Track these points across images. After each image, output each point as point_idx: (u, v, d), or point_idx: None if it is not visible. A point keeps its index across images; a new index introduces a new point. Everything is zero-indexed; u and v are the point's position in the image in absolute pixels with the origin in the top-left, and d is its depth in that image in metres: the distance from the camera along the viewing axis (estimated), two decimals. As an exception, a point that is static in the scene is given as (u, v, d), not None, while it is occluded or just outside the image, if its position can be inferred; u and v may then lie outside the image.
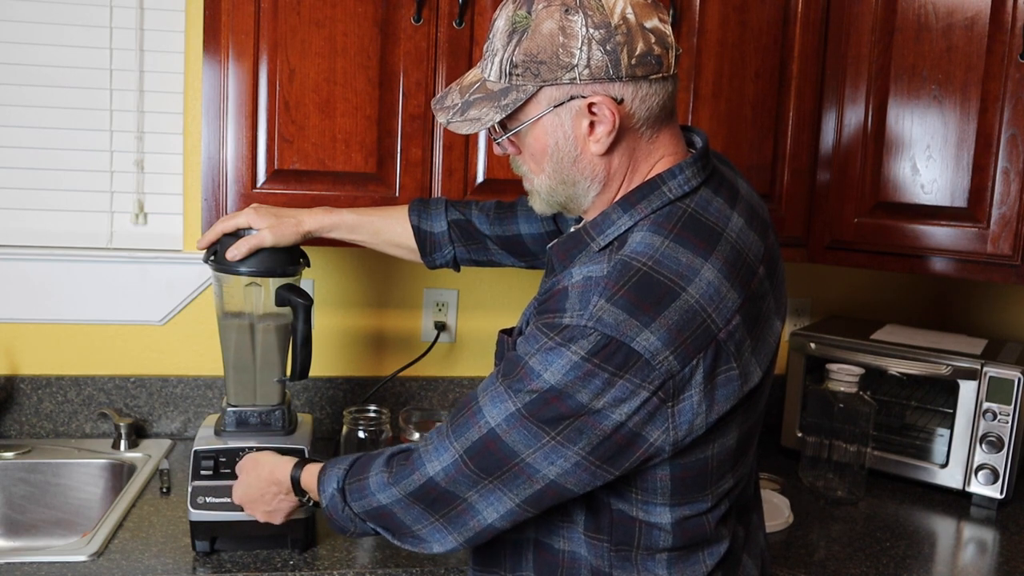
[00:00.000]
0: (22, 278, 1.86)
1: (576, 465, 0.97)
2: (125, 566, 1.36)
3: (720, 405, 0.97)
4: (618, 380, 0.93)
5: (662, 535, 1.05)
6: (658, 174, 1.02)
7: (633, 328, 0.92)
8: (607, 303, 0.94)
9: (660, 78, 0.99)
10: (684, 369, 0.94)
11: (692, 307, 0.95)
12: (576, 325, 0.94)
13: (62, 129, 1.85)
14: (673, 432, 0.96)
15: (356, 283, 2.01)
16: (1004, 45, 1.58)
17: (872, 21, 1.72)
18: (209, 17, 1.53)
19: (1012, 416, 1.74)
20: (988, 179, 1.62)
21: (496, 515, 1.02)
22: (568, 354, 0.93)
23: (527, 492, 1.00)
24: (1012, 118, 1.58)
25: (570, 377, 0.93)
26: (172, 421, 1.94)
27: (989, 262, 1.64)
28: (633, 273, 0.95)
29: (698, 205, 1.02)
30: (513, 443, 0.98)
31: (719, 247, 0.99)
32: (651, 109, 1.01)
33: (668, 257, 0.96)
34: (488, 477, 1.00)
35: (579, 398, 0.94)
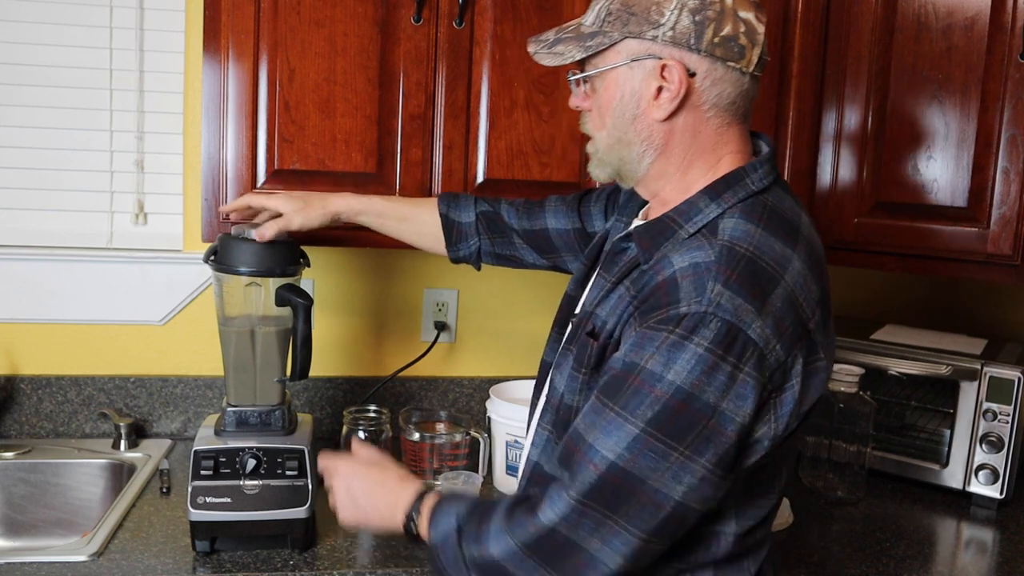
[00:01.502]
0: (22, 278, 1.86)
1: (702, 480, 0.92)
2: (125, 566, 1.36)
3: (810, 397, 0.97)
4: (739, 374, 0.90)
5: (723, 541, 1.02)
6: (740, 167, 1.03)
7: (749, 314, 0.91)
8: (724, 288, 0.92)
9: (738, 69, 1.01)
10: (787, 358, 0.93)
11: (790, 294, 0.95)
12: (696, 312, 0.91)
13: (62, 129, 1.85)
14: (774, 425, 0.94)
15: (356, 283, 2.01)
16: (1004, 45, 1.58)
17: (872, 21, 1.72)
18: (209, 17, 1.53)
19: (1012, 416, 1.74)
20: (988, 179, 1.62)
21: (620, 559, 0.94)
22: (691, 347, 0.90)
23: (653, 523, 0.93)
24: (1012, 118, 1.58)
25: (696, 373, 0.89)
26: (172, 421, 1.94)
27: (989, 262, 1.64)
28: (739, 258, 0.94)
29: (776, 200, 1.03)
30: (640, 471, 0.91)
31: (800, 240, 1.00)
32: (721, 95, 1.02)
33: (765, 244, 0.96)
34: (613, 515, 0.93)
35: (706, 398, 0.90)
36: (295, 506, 1.41)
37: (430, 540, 1.05)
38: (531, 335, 2.10)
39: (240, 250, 1.42)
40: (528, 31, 1.61)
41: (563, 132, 1.65)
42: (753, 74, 1.03)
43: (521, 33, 1.61)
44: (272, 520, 1.41)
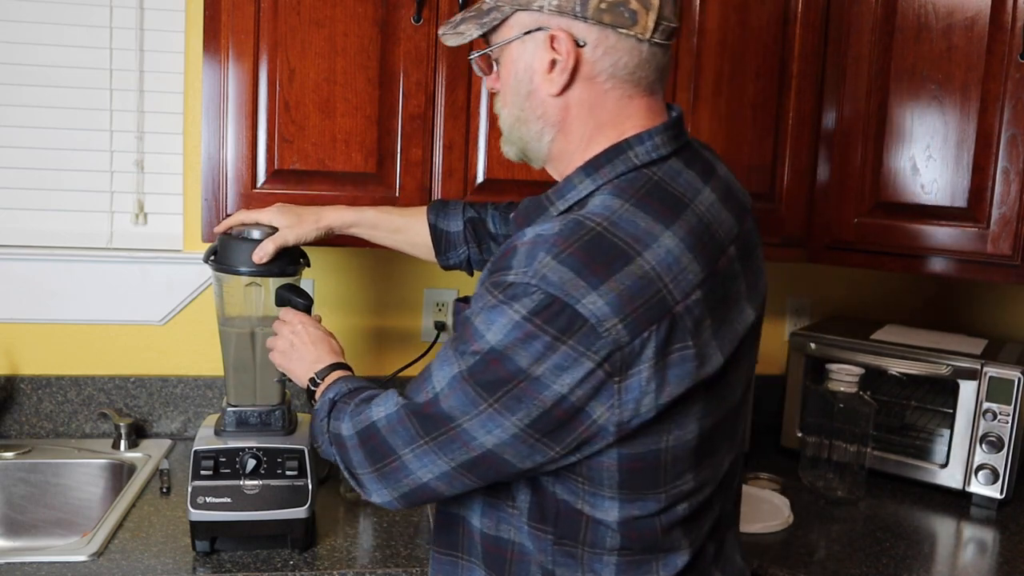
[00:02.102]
0: (22, 278, 1.86)
1: (514, 437, 0.93)
2: (125, 566, 1.36)
3: (672, 387, 0.91)
4: (560, 346, 0.88)
5: (608, 533, 0.99)
6: (625, 139, 0.99)
7: (579, 289, 0.88)
8: (553, 260, 0.89)
9: (632, 36, 0.96)
10: (634, 341, 0.88)
11: (647, 274, 0.90)
12: (519, 282, 0.90)
13: (62, 129, 1.85)
14: (618, 411, 0.90)
15: (356, 283, 2.01)
16: (1004, 45, 1.58)
17: (872, 21, 1.72)
18: (209, 17, 1.53)
19: (1012, 416, 1.74)
20: (988, 179, 1.62)
21: (431, 475, 0.98)
22: (510, 312, 0.90)
23: (463, 458, 0.96)
24: (1012, 118, 1.58)
25: (511, 337, 0.89)
26: (172, 421, 1.94)
27: (989, 262, 1.64)
28: (585, 232, 0.91)
29: (666, 174, 0.98)
30: (451, 408, 0.94)
31: (684, 216, 0.95)
32: (617, 65, 0.97)
33: (626, 220, 0.92)
34: (424, 437, 0.97)
35: (518, 361, 0.89)
36: (295, 506, 1.41)
37: (316, 404, 1.15)
38: (531, 335, 2.10)
39: (240, 250, 1.42)
40: (528, 31, 1.61)
41: (563, 132, 1.65)
42: (653, 41, 0.97)
43: (521, 33, 1.61)
44: (272, 520, 1.41)
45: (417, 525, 1.57)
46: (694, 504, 1.02)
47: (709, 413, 0.98)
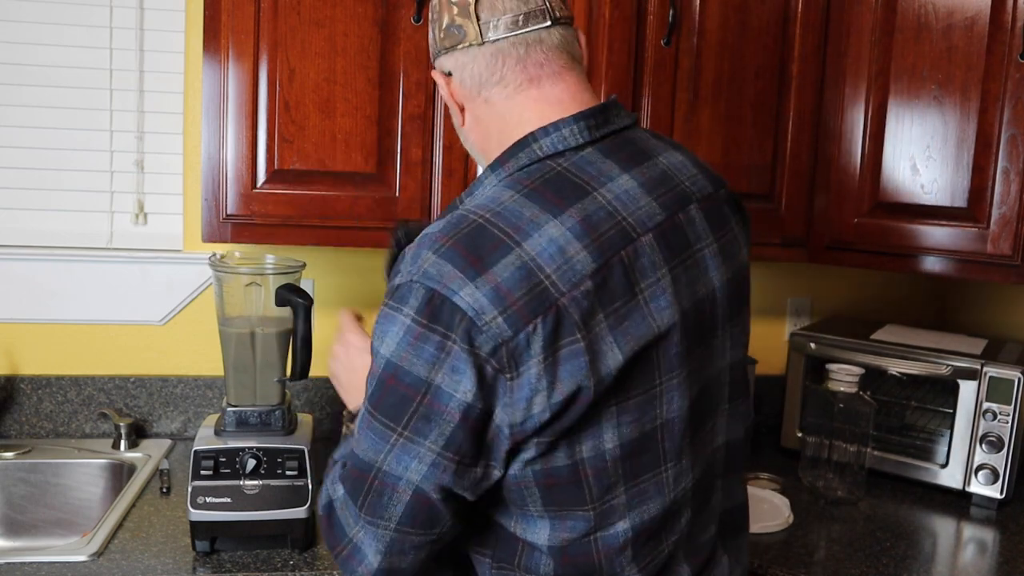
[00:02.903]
0: (22, 278, 1.86)
1: (434, 465, 0.87)
2: (125, 566, 1.36)
3: (564, 384, 0.86)
4: (449, 344, 0.85)
5: (543, 559, 0.94)
6: (530, 132, 0.97)
7: (456, 281, 0.85)
8: (433, 255, 0.88)
9: (469, 46, 0.99)
10: (518, 336, 0.85)
11: (526, 265, 0.86)
12: (403, 283, 0.88)
13: (62, 129, 1.85)
14: (511, 411, 0.86)
15: (356, 283, 2.01)
16: (1004, 45, 1.58)
17: (872, 21, 1.72)
18: (209, 17, 1.53)
19: (1012, 416, 1.74)
20: (988, 179, 1.62)
21: (379, 555, 0.92)
22: (400, 317, 0.87)
23: (396, 510, 0.90)
24: (1012, 118, 1.58)
25: (404, 345, 0.86)
26: (172, 421, 1.94)
27: (989, 262, 1.64)
28: (466, 225, 0.89)
29: (574, 164, 0.95)
30: (365, 452, 0.90)
31: (579, 204, 0.90)
32: (474, 76, 0.99)
33: (510, 211, 0.89)
34: (364, 506, 0.91)
35: (416, 371, 0.86)
36: (295, 506, 1.41)
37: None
38: (531, 335, 2.10)
39: None
40: (528, 31, 1.61)
41: (563, 132, 1.65)
42: (490, 40, 0.98)
43: (521, 33, 1.61)
44: (272, 520, 1.41)
45: (417, 525, 1.57)
46: (639, 527, 0.95)
47: (628, 421, 0.91)
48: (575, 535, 0.93)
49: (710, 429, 1.02)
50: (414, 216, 1.62)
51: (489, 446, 0.89)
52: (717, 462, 1.05)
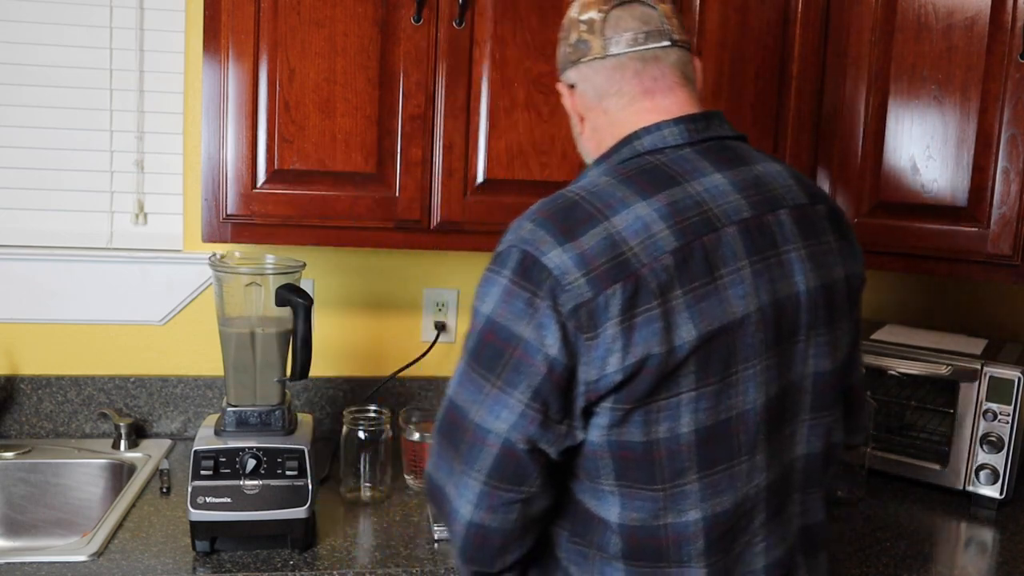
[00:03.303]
0: (22, 278, 1.86)
1: (522, 416, 0.94)
2: (125, 566, 1.36)
3: (637, 348, 0.91)
4: (537, 301, 0.93)
5: (612, 538, 0.99)
6: (634, 130, 1.06)
7: (547, 244, 0.94)
8: (531, 224, 0.97)
9: (593, 59, 1.09)
10: (597, 297, 0.92)
11: (611, 236, 0.94)
12: (503, 250, 0.98)
13: (62, 129, 1.85)
14: (587, 369, 0.93)
15: (356, 283, 2.01)
16: (1004, 45, 1.58)
17: (872, 21, 1.72)
18: (209, 17, 1.53)
19: (1012, 416, 1.74)
20: (988, 179, 1.62)
21: (470, 506, 0.97)
22: (499, 279, 0.96)
23: (486, 462, 0.96)
24: (1012, 118, 1.58)
25: (500, 302, 0.95)
26: (172, 421, 1.94)
27: (989, 262, 1.64)
28: (563, 201, 0.99)
29: (670, 160, 1.02)
30: (463, 402, 0.97)
31: (668, 191, 0.98)
32: (598, 87, 1.09)
33: (604, 191, 0.98)
34: (456, 454, 0.98)
35: (510, 325, 0.94)
36: (295, 506, 1.41)
37: None
38: (531, 335, 2.10)
39: None
40: (528, 31, 1.61)
41: (563, 132, 1.65)
42: (612, 55, 1.08)
43: (521, 33, 1.61)
44: (272, 520, 1.41)
45: (417, 525, 1.57)
46: (710, 519, 0.98)
47: (705, 408, 0.95)
48: (644, 515, 0.98)
49: (788, 435, 1.04)
50: (413, 216, 1.62)
51: (571, 404, 0.95)
52: (795, 473, 1.06)
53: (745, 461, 0.99)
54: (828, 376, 1.06)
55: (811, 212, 1.06)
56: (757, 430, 0.99)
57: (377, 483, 1.67)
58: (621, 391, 0.93)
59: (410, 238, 1.64)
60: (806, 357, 1.03)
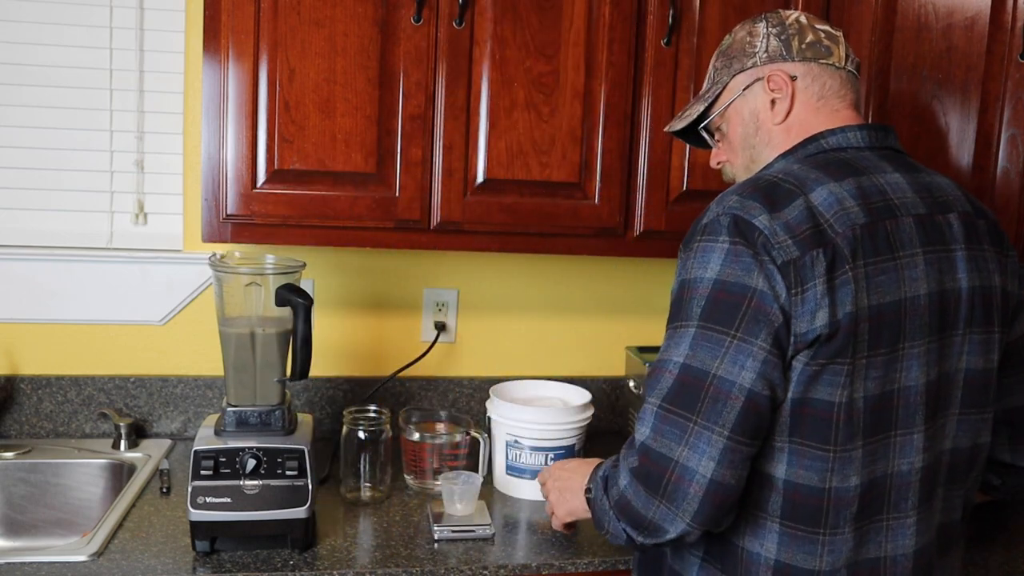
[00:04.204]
0: (22, 278, 1.86)
1: (764, 362, 1.00)
2: (125, 566, 1.36)
3: (840, 307, 1.00)
4: (762, 257, 1.00)
5: (772, 496, 1.05)
6: (820, 131, 1.16)
7: (755, 209, 1.03)
8: (736, 196, 1.06)
9: (831, 64, 1.19)
10: (804, 257, 1.00)
11: (809, 209, 1.03)
12: (712, 220, 1.05)
13: (62, 129, 1.85)
14: (796, 322, 1.00)
15: (356, 283, 2.01)
16: (1004, 45, 1.58)
17: (872, 21, 1.72)
18: (209, 17, 1.53)
19: (1012, 416, 1.74)
20: (988, 179, 1.62)
21: (712, 462, 0.99)
22: (718, 245, 1.03)
23: (730, 416, 0.99)
24: (1012, 118, 1.58)
25: (726, 263, 1.02)
26: (172, 421, 1.94)
27: (989, 262, 1.64)
28: (763, 181, 1.08)
29: (853, 157, 1.12)
30: (700, 363, 1.01)
31: (855, 178, 1.08)
32: (825, 86, 1.18)
33: (798, 174, 1.08)
34: (691, 414, 1.00)
35: (740, 279, 1.01)
36: (295, 506, 1.41)
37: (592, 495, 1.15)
38: (531, 335, 2.10)
39: None
40: (528, 31, 1.61)
41: (563, 132, 1.65)
42: (847, 69, 1.19)
43: (521, 33, 1.61)
44: (272, 520, 1.41)
45: (417, 525, 1.57)
46: (867, 484, 1.05)
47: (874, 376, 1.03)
48: (812, 475, 1.04)
49: (940, 427, 1.10)
50: (413, 216, 1.62)
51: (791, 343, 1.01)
52: (941, 466, 1.12)
53: (902, 435, 1.07)
54: (980, 375, 1.13)
55: (975, 222, 1.15)
56: (916, 408, 1.06)
57: (377, 483, 1.67)
58: (821, 346, 1.00)
59: (410, 238, 1.64)
60: (961, 352, 1.11)
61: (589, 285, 2.12)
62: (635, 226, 1.73)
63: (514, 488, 1.73)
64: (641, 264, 2.11)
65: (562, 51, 1.63)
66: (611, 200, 1.69)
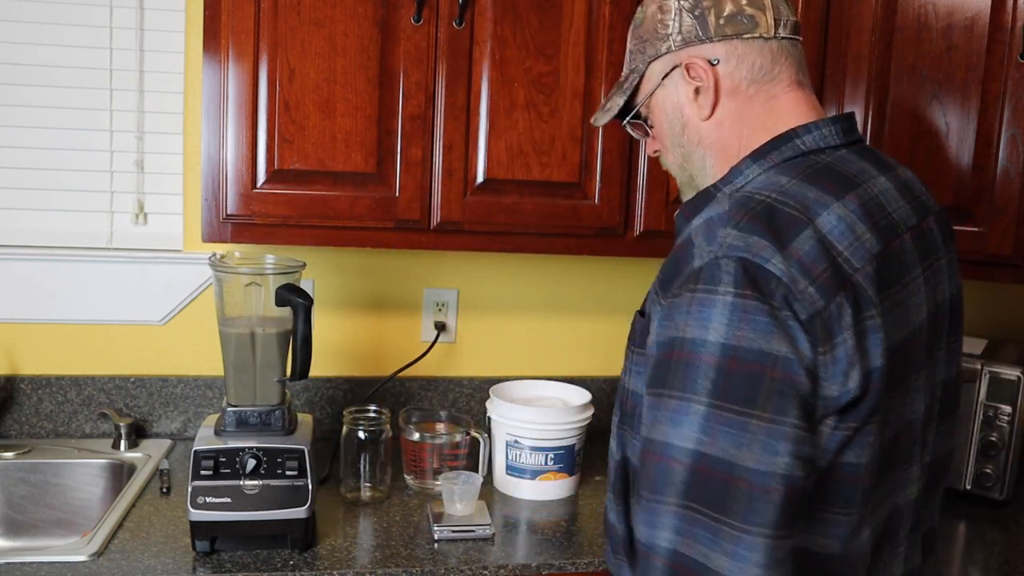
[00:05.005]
0: (22, 278, 1.86)
1: (797, 441, 0.81)
2: (125, 566, 1.36)
3: (872, 360, 0.85)
4: (782, 314, 0.82)
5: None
6: (792, 128, 0.98)
7: (765, 250, 0.84)
8: (733, 230, 0.86)
9: (757, 38, 0.99)
10: (829, 306, 0.84)
11: (821, 241, 0.86)
12: (708, 263, 0.85)
13: (62, 129, 1.85)
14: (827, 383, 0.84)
15: (356, 283, 2.01)
16: (1004, 45, 1.58)
17: (872, 21, 1.72)
18: (209, 17, 1.53)
19: (1012, 416, 1.74)
20: (988, 179, 1.62)
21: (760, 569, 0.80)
22: (719, 298, 0.83)
23: (771, 511, 0.81)
24: (1012, 118, 1.58)
25: (736, 324, 0.82)
26: (172, 421, 1.94)
27: (989, 262, 1.64)
28: (755, 204, 0.89)
29: (836, 159, 0.96)
30: (723, 453, 0.81)
31: (855, 192, 0.92)
32: (754, 67, 1.00)
33: (793, 192, 0.90)
34: (723, 516, 0.81)
35: (756, 345, 0.81)
36: (295, 506, 1.41)
37: None
38: (531, 335, 2.10)
39: None
40: (528, 31, 1.61)
41: (563, 132, 1.65)
42: (780, 37, 1.00)
43: (521, 33, 1.61)
44: (272, 520, 1.41)
45: (417, 525, 1.57)
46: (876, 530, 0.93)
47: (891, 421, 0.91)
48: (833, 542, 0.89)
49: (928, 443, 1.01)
50: (413, 216, 1.62)
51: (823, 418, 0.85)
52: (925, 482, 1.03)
53: (903, 471, 0.96)
54: (952, 383, 1.05)
55: (946, 221, 1.06)
56: (916, 439, 0.96)
57: (377, 483, 1.67)
58: (853, 409, 0.85)
59: (410, 238, 1.64)
60: (941, 364, 1.01)
61: (589, 285, 2.12)
62: (635, 226, 1.73)
63: (514, 488, 1.73)
64: (641, 264, 2.11)
65: (562, 51, 1.63)
66: (611, 200, 1.69)
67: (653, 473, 0.86)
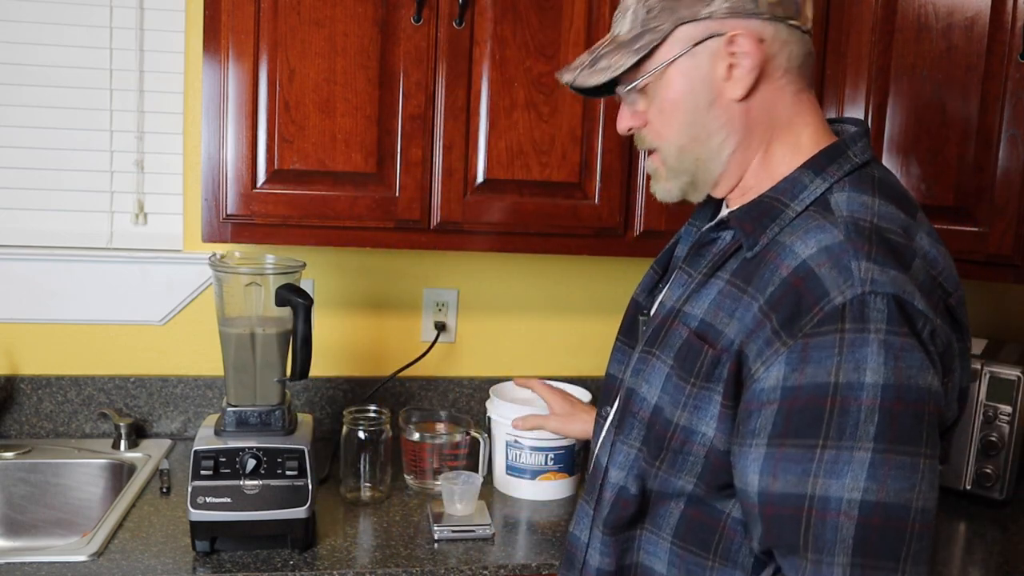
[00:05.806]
0: (22, 278, 1.86)
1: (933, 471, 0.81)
2: (125, 566, 1.36)
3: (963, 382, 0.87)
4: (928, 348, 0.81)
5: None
6: (840, 139, 0.94)
7: (908, 285, 0.81)
8: (870, 263, 0.81)
9: (799, 27, 0.93)
10: (951, 337, 0.85)
11: (928, 269, 0.86)
12: (853, 298, 0.80)
13: (62, 129, 1.85)
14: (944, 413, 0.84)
15: (356, 283, 2.01)
16: (1004, 45, 1.58)
17: (872, 21, 1.72)
18: (209, 17, 1.53)
19: (1012, 416, 1.74)
20: (988, 179, 1.62)
21: None
22: (871, 336, 0.79)
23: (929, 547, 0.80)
24: (1012, 118, 1.58)
25: (893, 361, 0.79)
26: (172, 421, 1.94)
27: (989, 262, 1.64)
28: (868, 231, 0.84)
29: (882, 173, 0.94)
30: (898, 495, 0.78)
31: (917, 211, 0.91)
32: (791, 58, 0.93)
33: (886, 213, 0.87)
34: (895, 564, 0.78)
35: (916, 382, 0.79)
36: (295, 506, 1.41)
37: None
38: (531, 335, 2.10)
39: None
40: (528, 31, 1.61)
41: (563, 132, 1.65)
42: (808, 32, 0.95)
43: (521, 33, 1.61)
44: (272, 520, 1.41)
45: (417, 525, 1.57)
46: None
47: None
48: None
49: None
50: (413, 216, 1.62)
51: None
52: None
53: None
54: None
55: None
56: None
57: (377, 483, 1.67)
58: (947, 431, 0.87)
59: (410, 238, 1.64)
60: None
61: (589, 285, 2.12)
62: (635, 226, 1.73)
63: (514, 488, 1.73)
64: (641, 264, 2.11)
65: (562, 51, 1.63)
66: (611, 200, 1.69)
67: (812, 534, 0.80)
